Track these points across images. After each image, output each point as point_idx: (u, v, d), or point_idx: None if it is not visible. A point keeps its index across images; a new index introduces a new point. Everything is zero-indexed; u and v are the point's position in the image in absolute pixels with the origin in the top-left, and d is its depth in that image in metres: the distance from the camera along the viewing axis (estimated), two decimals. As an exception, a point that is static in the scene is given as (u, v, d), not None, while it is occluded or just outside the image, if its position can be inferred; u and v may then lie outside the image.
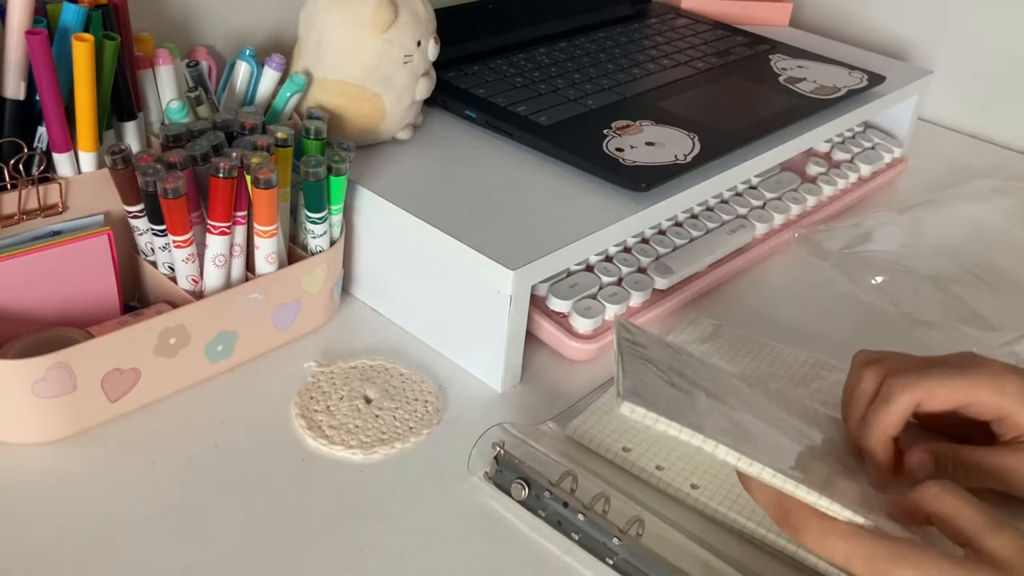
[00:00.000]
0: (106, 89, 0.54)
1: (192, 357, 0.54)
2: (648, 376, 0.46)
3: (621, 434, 0.53)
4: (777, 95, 0.78)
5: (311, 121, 0.59)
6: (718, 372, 0.54)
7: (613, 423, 0.54)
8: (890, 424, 0.49)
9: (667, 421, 0.42)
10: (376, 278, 0.64)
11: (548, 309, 0.61)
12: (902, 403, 0.48)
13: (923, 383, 0.48)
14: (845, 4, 1.05)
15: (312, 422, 0.54)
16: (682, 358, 0.53)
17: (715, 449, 0.42)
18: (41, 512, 0.47)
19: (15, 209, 0.52)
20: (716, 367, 0.54)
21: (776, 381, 0.58)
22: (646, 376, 0.46)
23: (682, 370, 0.51)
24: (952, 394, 0.48)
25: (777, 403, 0.52)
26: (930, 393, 0.48)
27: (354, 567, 0.46)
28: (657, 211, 0.62)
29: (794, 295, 0.70)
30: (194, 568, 0.45)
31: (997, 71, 0.96)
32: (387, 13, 0.60)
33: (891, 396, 0.49)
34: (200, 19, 0.71)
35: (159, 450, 0.51)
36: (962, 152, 0.95)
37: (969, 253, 0.75)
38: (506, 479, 0.49)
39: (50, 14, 0.52)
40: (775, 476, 0.41)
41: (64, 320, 0.54)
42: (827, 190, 0.79)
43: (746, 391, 0.52)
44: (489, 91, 0.73)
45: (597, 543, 0.46)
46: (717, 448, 0.42)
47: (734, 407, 0.48)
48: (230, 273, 0.56)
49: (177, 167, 0.52)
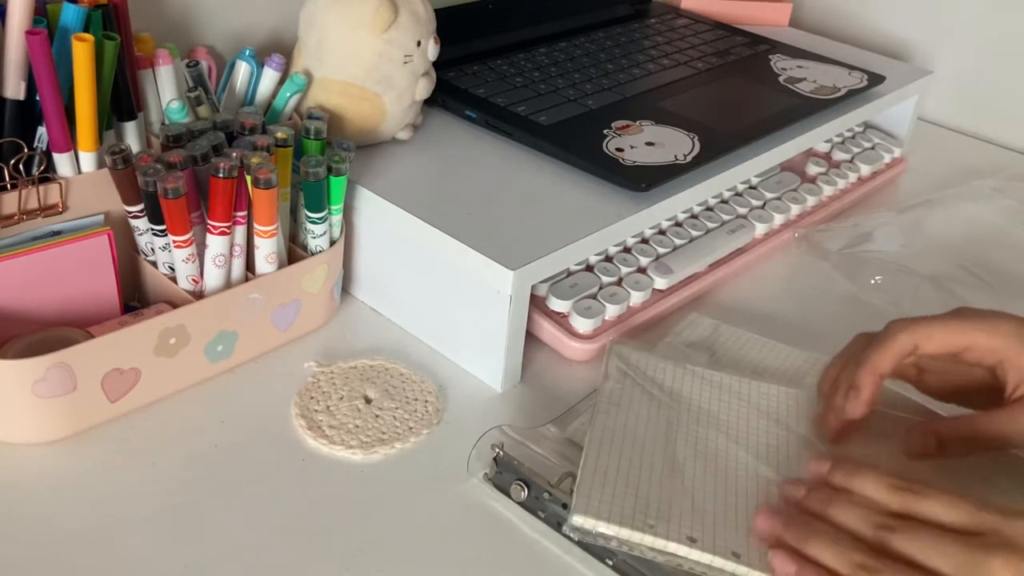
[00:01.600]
0: (106, 89, 0.54)
1: (192, 357, 0.54)
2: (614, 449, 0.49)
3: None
4: (777, 95, 0.78)
5: (311, 121, 0.59)
6: (683, 411, 0.54)
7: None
8: (883, 360, 0.49)
9: (616, 528, 0.44)
10: (376, 278, 0.64)
11: (548, 309, 0.61)
12: (899, 342, 0.49)
13: (921, 326, 0.49)
14: (845, 4, 1.05)
15: (312, 422, 0.54)
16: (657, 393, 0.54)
17: (667, 547, 0.44)
18: (41, 512, 0.47)
19: (15, 209, 0.52)
20: (685, 397, 0.55)
21: (773, 377, 0.58)
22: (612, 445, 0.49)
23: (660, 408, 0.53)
24: (950, 336, 0.49)
25: (727, 428, 0.53)
26: (928, 335, 0.49)
27: (354, 567, 0.46)
28: (657, 211, 0.62)
29: (794, 295, 0.70)
30: (194, 568, 0.45)
31: (997, 71, 0.96)
32: (387, 13, 0.60)
33: (889, 335, 0.50)
34: (200, 19, 0.71)
35: (159, 450, 0.51)
36: (962, 152, 0.95)
37: (969, 253, 0.75)
38: (505, 481, 0.49)
39: (50, 14, 0.52)
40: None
41: (64, 320, 0.54)
42: (827, 190, 0.79)
43: (701, 433, 0.53)
44: (489, 91, 0.73)
45: (597, 544, 0.46)
46: (668, 546, 0.44)
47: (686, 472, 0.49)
48: (230, 273, 0.56)
49: (177, 167, 0.52)
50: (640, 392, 0.54)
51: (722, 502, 0.47)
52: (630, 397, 0.53)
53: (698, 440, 0.51)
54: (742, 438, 0.52)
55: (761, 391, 0.56)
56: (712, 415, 0.53)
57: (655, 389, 0.54)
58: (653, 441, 0.50)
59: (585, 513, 0.44)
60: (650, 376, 0.55)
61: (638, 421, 0.51)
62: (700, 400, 0.54)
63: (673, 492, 0.47)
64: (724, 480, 0.49)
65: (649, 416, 0.52)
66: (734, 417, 0.53)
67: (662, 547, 0.44)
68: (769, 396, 0.55)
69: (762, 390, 0.56)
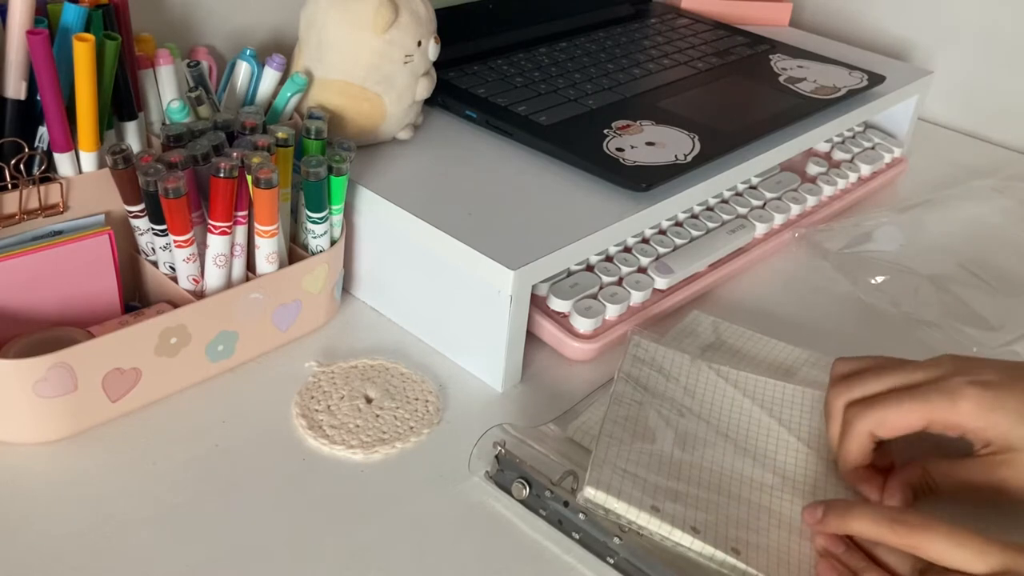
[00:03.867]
0: (107, 89, 0.54)
1: (193, 357, 0.54)
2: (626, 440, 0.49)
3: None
4: (777, 95, 0.78)
5: (312, 121, 0.59)
6: (707, 403, 0.55)
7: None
8: (853, 457, 0.50)
9: (625, 507, 0.45)
10: (377, 278, 0.64)
11: (548, 309, 0.61)
12: (857, 435, 0.49)
13: (874, 412, 0.49)
14: (845, 4, 1.05)
15: (313, 422, 0.54)
16: (677, 385, 0.55)
17: (671, 534, 0.45)
18: (41, 512, 0.47)
19: (16, 209, 0.52)
20: (708, 393, 0.56)
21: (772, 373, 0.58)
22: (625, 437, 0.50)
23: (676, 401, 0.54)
24: (905, 418, 0.48)
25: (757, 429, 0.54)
26: (880, 422, 0.48)
27: (354, 567, 0.46)
28: (657, 211, 0.63)
29: (794, 295, 0.70)
30: (195, 568, 0.45)
31: (997, 71, 0.96)
32: (387, 13, 0.60)
33: (848, 429, 0.50)
34: (200, 19, 0.71)
35: (160, 450, 0.51)
36: (962, 152, 0.95)
37: (969, 253, 0.75)
38: (507, 478, 0.50)
39: (51, 14, 0.52)
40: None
41: (65, 320, 0.54)
42: (827, 190, 0.79)
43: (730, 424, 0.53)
44: (489, 91, 0.73)
45: (598, 542, 0.46)
46: (672, 533, 0.45)
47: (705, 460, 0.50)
48: (231, 273, 0.56)
49: (178, 167, 0.53)
50: (657, 381, 0.55)
51: (725, 499, 0.48)
52: (645, 385, 0.54)
53: (707, 435, 0.52)
54: (751, 442, 0.52)
55: (777, 392, 0.56)
56: (723, 412, 0.54)
57: (671, 381, 0.55)
58: (664, 430, 0.51)
59: (597, 486, 0.45)
60: (667, 369, 0.56)
61: (652, 408, 0.52)
62: (714, 397, 0.55)
63: (680, 480, 0.48)
64: (728, 478, 0.49)
65: (662, 404, 0.53)
66: (744, 417, 0.54)
67: (667, 532, 0.45)
68: (784, 397, 0.56)
69: (777, 390, 0.56)
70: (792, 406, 0.55)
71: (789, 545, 0.46)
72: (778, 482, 0.50)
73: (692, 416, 0.53)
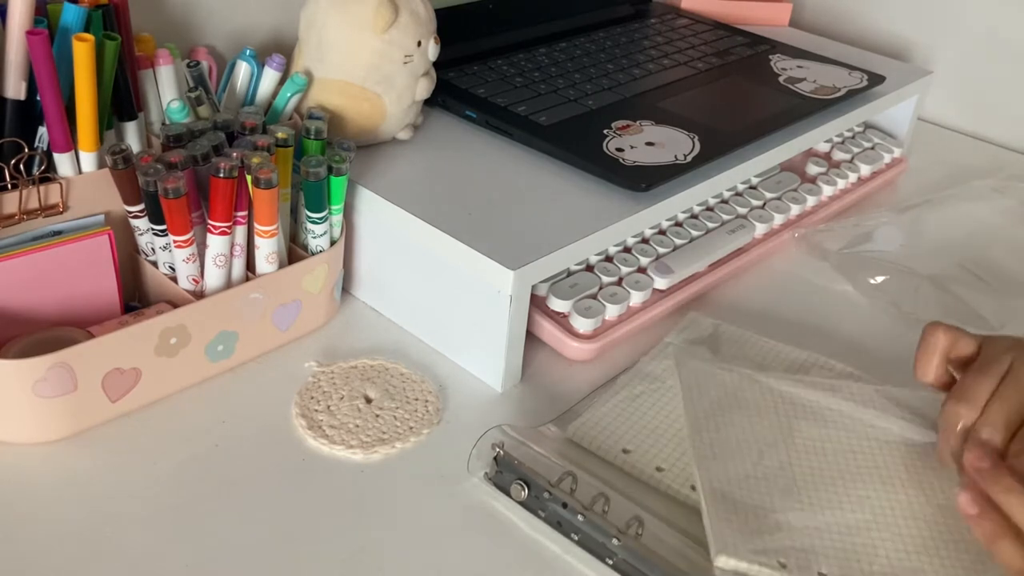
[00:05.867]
0: (107, 89, 0.54)
1: (193, 357, 0.54)
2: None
3: (621, 436, 0.53)
4: (777, 95, 0.78)
5: (311, 121, 0.59)
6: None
7: (613, 425, 0.54)
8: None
9: (758, 569, 0.44)
10: (376, 278, 0.64)
11: (548, 309, 0.61)
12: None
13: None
14: (845, 4, 1.05)
15: (313, 422, 0.54)
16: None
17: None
18: (41, 512, 0.47)
19: (16, 209, 0.52)
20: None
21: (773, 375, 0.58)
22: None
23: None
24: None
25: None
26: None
27: (354, 567, 0.46)
28: (657, 211, 0.63)
29: (794, 295, 0.70)
30: (195, 568, 0.45)
31: (997, 71, 0.96)
32: (387, 13, 0.60)
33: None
34: (200, 19, 0.71)
35: (159, 450, 0.51)
36: (962, 152, 0.95)
37: (969, 253, 0.75)
38: (506, 480, 0.50)
39: (51, 14, 0.52)
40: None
41: (65, 320, 0.54)
42: (827, 190, 0.79)
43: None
44: (489, 91, 0.73)
45: (597, 543, 0.46)
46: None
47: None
48: (231, 273, 0.56)
49: (178, 167, 0.53)
50: (723, 400, 0.54)
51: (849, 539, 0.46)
52: (712, 407, 0.53)
53: (798, 459, 0.50)
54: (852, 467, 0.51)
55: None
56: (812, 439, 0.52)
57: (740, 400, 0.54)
58: (756, 454, 0.50)
59: (725, 552, 0.44)
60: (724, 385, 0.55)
61: (734, 431, 0.51)
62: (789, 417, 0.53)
63: (794, 519, 0.46)
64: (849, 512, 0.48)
65: (744, 426, 0.52)
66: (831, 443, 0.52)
67: None
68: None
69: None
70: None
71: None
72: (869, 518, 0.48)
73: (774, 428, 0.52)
